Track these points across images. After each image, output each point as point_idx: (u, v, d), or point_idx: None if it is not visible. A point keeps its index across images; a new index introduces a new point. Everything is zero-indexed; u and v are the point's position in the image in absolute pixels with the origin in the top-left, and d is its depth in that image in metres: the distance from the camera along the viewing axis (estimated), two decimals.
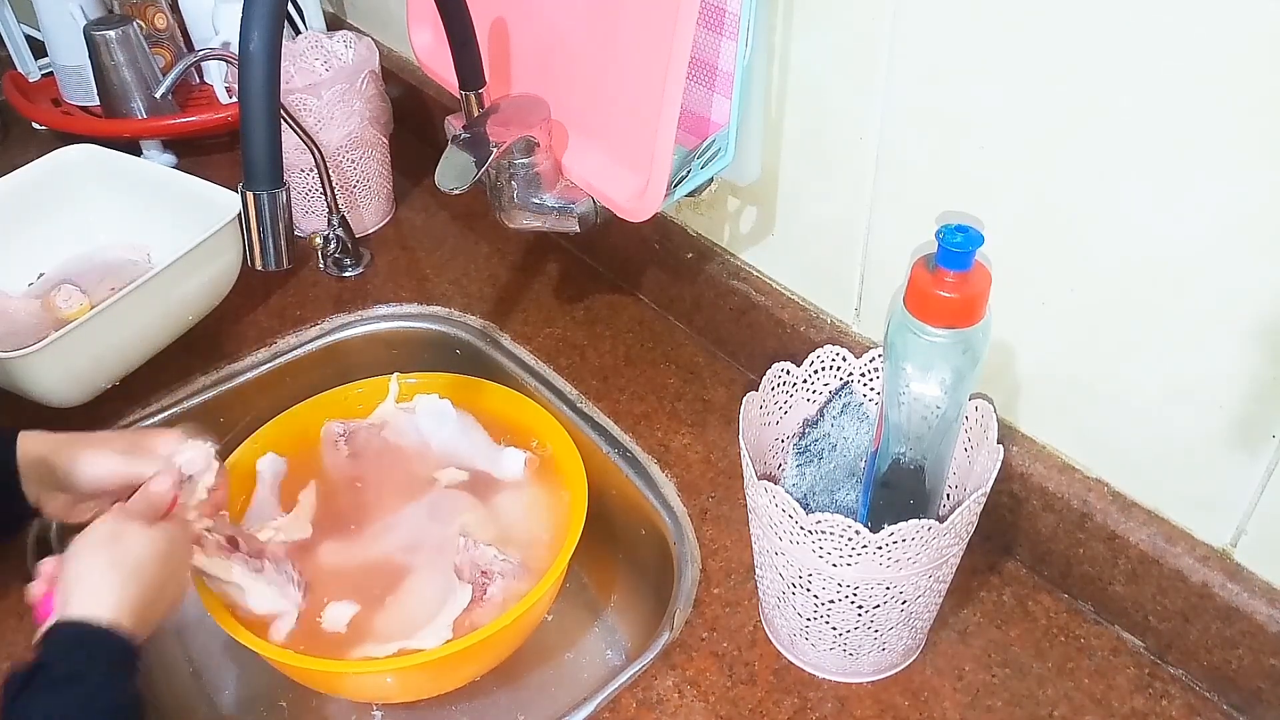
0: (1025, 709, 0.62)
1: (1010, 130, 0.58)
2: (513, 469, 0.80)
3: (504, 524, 0.77)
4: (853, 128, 0.67)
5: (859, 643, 0.61)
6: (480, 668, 0.74)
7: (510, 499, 0.80)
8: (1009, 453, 0.66)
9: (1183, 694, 0.62)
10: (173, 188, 0.96)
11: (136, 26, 1.13)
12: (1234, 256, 0.51)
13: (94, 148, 1.00)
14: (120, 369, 0.87)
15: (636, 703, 0.64)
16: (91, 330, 0.80)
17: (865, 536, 0.53)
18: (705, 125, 0.71)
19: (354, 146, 1.01)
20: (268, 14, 0.53)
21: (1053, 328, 0.62)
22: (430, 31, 0.86)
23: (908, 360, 0.54)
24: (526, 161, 0.73)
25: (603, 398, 0.86)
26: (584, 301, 0.97)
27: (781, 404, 0.67)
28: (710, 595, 0.70)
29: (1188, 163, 0.51)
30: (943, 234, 0.50)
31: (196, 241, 0.85)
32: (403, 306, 0.98)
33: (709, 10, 0.65)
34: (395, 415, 0.85)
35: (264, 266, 0.57)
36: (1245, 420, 0.55)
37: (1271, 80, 0.46)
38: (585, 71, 0.73)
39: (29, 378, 0.79)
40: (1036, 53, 0.54)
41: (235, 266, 0.91)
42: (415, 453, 0.83)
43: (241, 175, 0.55)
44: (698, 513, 0.76)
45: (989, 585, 0.69)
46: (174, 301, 0.88)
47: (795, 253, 0.78)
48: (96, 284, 0.95)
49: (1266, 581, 0.58)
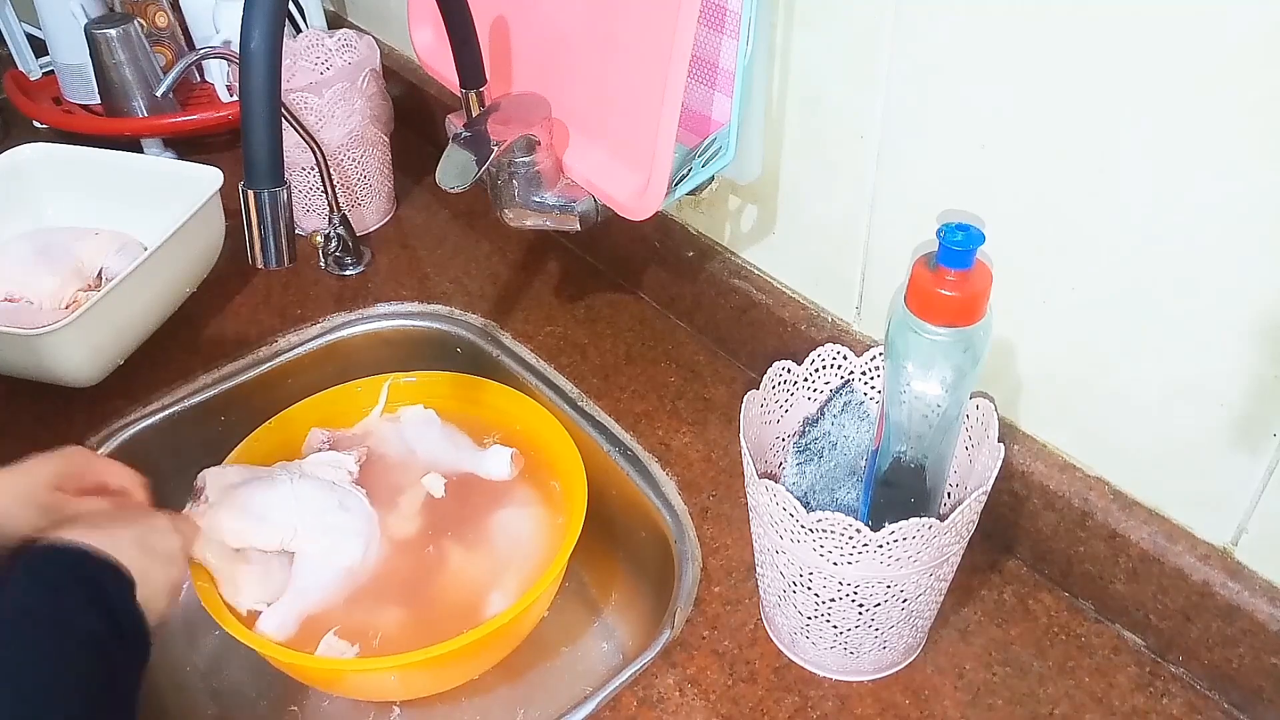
0: (1026, 707, 0.62)
1: (1011, 128, 0.58)
2: (499, 469, 0.81)
3: (502, 526, 0.78)
4: (854, 126, 0.67)
5: (860, 641, 0.61)
6: (479, 666, 0.74)
7: (511, 498, 0.80)
8: (1010, 451, 0.66)
9: (1183, 692, 0.62)
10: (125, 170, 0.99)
11: (138, 25, 1.13)
12: (1235, 255, 0.51)
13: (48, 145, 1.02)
14: (133, 342, 0.89)
15: (637, 701, 0.64)
16: (112, 302, 0.82)
17: (866, 535, 0.53)
18: (706, 124, 0.71)
19: (355, 145, 1.01)
20: (268, 12, 0.53)
21: (1054, 326, 0.62)
22: (431, 30, 0.86)
23: (909, 359, 0.54)
24: (527, 160, 0.73)
25: (603, 396, 0.86)
26: (585, 300, 0.97)
27: (782, 402, 0.67)
28: (711, 594, 0.70)
29: (1189, 161, 0.51)
30: (944, 232, 0.50)
31: (189, 212, 0.88)
32: (403, 305, 0.98)
33: (710, 8, 0.65)
34: (380, 425, 0.85)
35: (265, 264, 0.57)
36: (1246, 419, 0.55)
37: (1272, 80, 0.46)
38: (586, 70, 0.73)
39: (54, 355, 0.81)
40: (1038, 51, 0.54)
41: (220, 234, 0.95)
42: (399, 461, 0.83)
43: (243, 173, 0.55)
44: (698, 511, 0.76)
45: (990, 584, 0.69)
46: (179, 270, 0.92)
47: (796, 251, 0.78)
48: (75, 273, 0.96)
49: (1267, 580, 0.58)
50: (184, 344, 0.93)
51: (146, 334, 0.90)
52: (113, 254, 0.94)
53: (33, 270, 0.93)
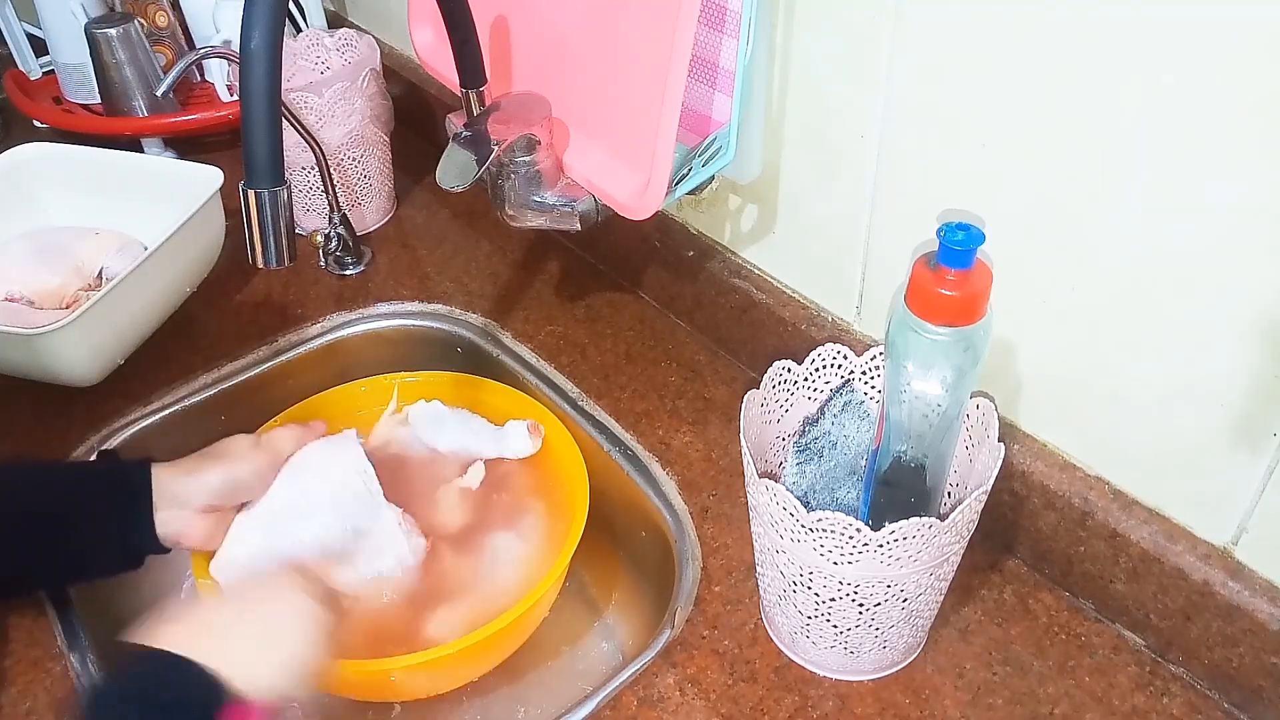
0: (1026, 707, 0.62)
1: (1012, 128, 0.58)
2: (520, 445, 0.81)
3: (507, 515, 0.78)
4: (854, 125, 0.67)
5: (860, 641, 0.61)
6: (481, 667, 0.74)
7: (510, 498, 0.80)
8: (1010, 451, 0.66)
9: (1183, 692, 0.62)
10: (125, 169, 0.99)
11: (138, 24, 1.13)
12: (1235, 254, 0.51)
13: (48, 145, 1.02)
14: (133, 342, 0.89)
15: (637, 700, 0.64)
16: (113, 301, 0.82)
17: (866, 534, 0.53)
18: (706, 123, 0.71)
19: (355, 144, 1.01)
20: (269, 12, 0.52)
21: (1054, 326, 0.62)
22: (431, 29, 0.86)
23: (909, 358, 0.54)
24: (527, 159, 0.73)
25: (604, 396, 0.86)
26: (585, 299, 0.97)
27: (782, 402, 0.67)
28: (711, 593, 0.70)
29: (1189, 161, 0.51)
30: (944, 232, 0.50)
31: (189, 212, 0.88)
32: (404, 305, 0.98)
33: (710, 8, 0.65)
34: (397, 430, 0.85)
35: (265, 264, 0.57)
36: (1246, 418, 0.55)
37: (1272, 79, 0.46)
38: (586, 69, 0.73)
39: (54, 355, 0.81)
40: (1038, 50, 0.54)
41: (220, 233, 0.95)
42: (428, 460, 0.82)
43: (243, 173, 0.55)
44: (699, 511, 0.76)
45: (990, 583, 0.69)
46: (179, 270, 0.92)
47: (796, 251, 0.78)
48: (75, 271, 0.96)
49: (1268, 580, 0.58)
50: (184, 344, 0.93)
51: (147, 334, 0.90)
52: (113, 254, 0.94)
53: (33, 270, 0.93)
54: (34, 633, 0.70)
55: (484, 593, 0.73)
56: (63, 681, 0.67)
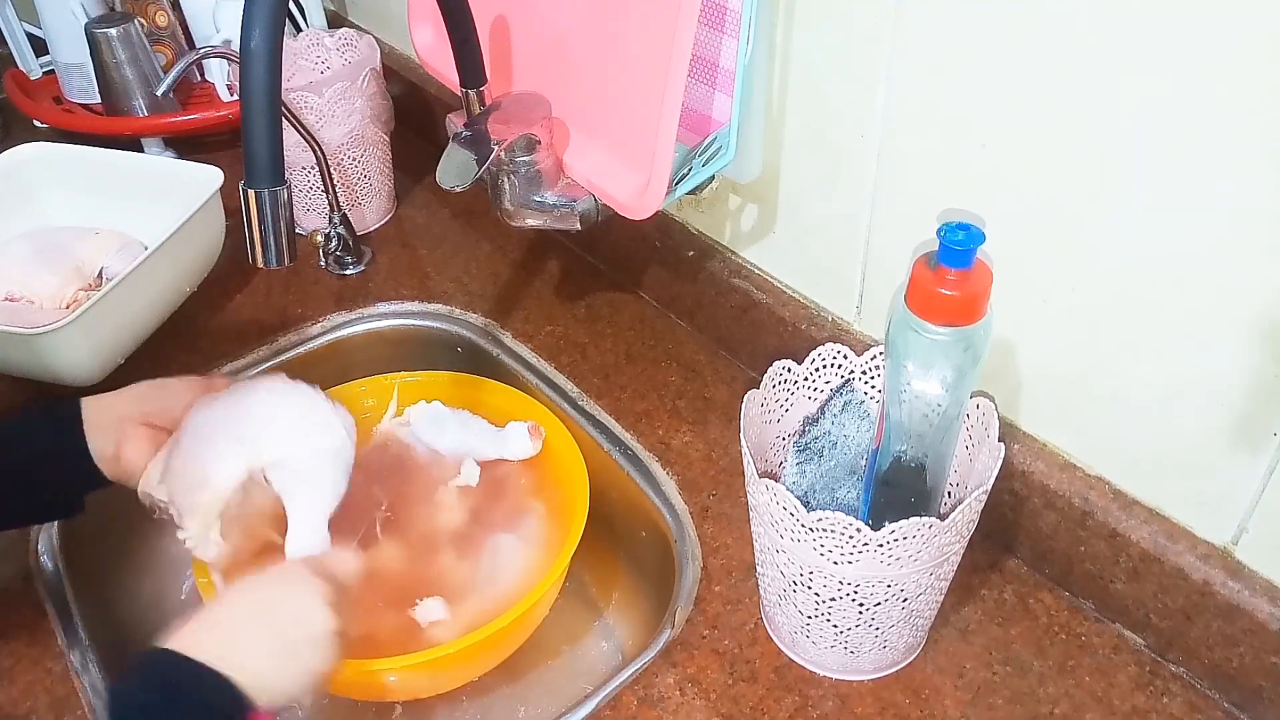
0: (1026, 706, 0.62)
1: (1012, 128, 0.58)
2: (521, 447, 0.80)
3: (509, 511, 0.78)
4: (854, 125, 0.67)
5: (860, 640, 0.61)
6: (481, 667, 0.74)
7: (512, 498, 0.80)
8: (1010, 451, 0.66)
9: (1184, 692, 0.62)
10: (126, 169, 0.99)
11: (138, 24, 1.13)
12: (1235, 254, 0.51)
13: (48, 145, 1.02)
14: (133, 342, 0.89)
15: (638, 700, 0.64)
16: (113, 301, 0.83)
17: (866, 534, 0.53)
18: (706, 123, 0.71)
19: (355, 144, 1.01)
20: (269, 12, 0.52)
21: (1054, 326, 0.62)
22: (431, 29, 0.86)
23: (909, 358, 0.54)
24: (528, 159, 0.73)
25: (604, 395, 0.86)
26: (585, 299, 0.97)
27: (782, 402, 0.67)
28: (711, 593, 0.70)
29: (1189, 161, 0.51)
30: (944, 232, 0.50)
31: (190, 211, 0.88)
32: (404, 304, 0.98)
33: (710, 8, 0.65)
34: (397, 430, 0.85)
35: (265, 264, 0.57)
36: (1246, 418, 0.55)
37: (1272, 79, 0.46)
38: (586, 69, 0.72)
39: (54, 354, 0.81)
40: (1038, 50, 0.54)
41: (220, 233, 0.95)
42: (428, 461, 0.82)
43: (243, 173, 0.55)
44: (699, 510, 0.76)
45: (990, 583, 0.69)
46: (179, 269, 0.92)
47: (796, 250, 0.78)
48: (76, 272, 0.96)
49: (1268, 579, 0.58)
50: (184, 344, 0.93)
51: (147, 333, 0.90)
52: (113, 253, 0.94)
53: (33, 270, 0.93)
54: (34, 633, 0.70)
55: (484, 593, 0.73)
56: (63, 681, 0.67)
